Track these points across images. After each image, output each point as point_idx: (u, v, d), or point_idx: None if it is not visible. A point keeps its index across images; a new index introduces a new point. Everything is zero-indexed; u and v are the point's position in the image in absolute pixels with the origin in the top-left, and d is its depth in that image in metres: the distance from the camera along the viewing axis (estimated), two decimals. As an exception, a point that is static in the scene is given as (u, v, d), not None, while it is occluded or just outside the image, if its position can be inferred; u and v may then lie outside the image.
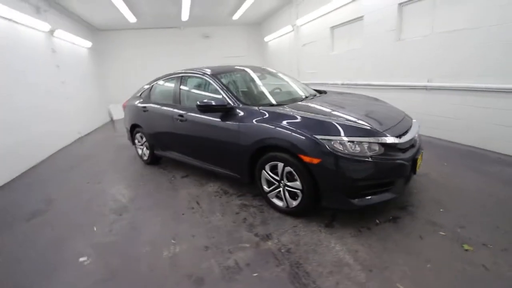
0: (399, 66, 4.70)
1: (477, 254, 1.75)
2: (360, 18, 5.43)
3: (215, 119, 2.75)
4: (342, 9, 5.89)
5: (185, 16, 8.53)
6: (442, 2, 3.88)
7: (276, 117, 2.32)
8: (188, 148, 3.29)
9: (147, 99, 3.92)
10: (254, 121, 2.42)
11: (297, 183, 2.18)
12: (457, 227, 2.02)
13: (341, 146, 1.97)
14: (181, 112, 3.18)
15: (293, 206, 2.29)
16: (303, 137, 2.06)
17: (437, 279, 1.58)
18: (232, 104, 2.63)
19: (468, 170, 2.99)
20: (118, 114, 10.00)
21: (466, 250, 1.79)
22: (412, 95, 4.46)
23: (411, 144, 2.27)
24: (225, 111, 2.65)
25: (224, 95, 2.75)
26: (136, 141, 4.27)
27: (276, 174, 2.34)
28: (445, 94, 3.95)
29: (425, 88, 4.21)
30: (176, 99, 3.35)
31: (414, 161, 2.17)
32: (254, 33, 11.44)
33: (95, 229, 2.48)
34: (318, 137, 2.01)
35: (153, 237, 2.26)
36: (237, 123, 2.54)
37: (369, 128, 2.08)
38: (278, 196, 2.42)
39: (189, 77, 3.37)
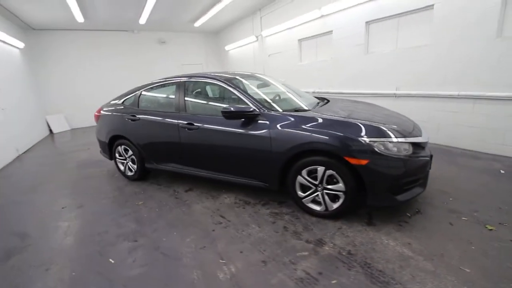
0: (368, 76, 5.29)
1: (501, 232, 2.07)
2: (329, 32, 5.94)
3: (234, 127, 2.62)
4: (310, 24, 6.35)
5: (143, 19, 7.92)
6: (404, 22, 4.56)
7: (312, 122, 2.35)
8: (197, 159, 3.02)
9: (134, 107, 3.48)
10: (289, 127, 2.39)
11: (340, 185, 2.23)
12: (472, 212, 2.36)
13: (383, 147, 2.11)
14: (188, 120, 2.92)
15: (333, 208, 2.33)
16: (350, 140, 2.13)
17: (486, 257, 1.81)
18: (258, 110, 2.55)
19: (449, 164, 3.52)
20: (58, 126, 8.59)
21: (490, 229, 2.11)
22: (383, 102, 5.05)
23: None
24: (250, 118, 2.55)
25: (247, 101, 2.65)
26: (116, 155, 3.72)
27: (314, 178, 2.35)
28: (412, 101, 4.61)
29: (394, 95, 4.83)
30: (180, 107, 3.06)
31: (431, 157, 2.46)
32: (212, 41, 11.34)
33: (112, 261, 2.05)
34: (365, 139, 2.11)
35: (194, 260, 1.99)
36: (267, 130, 2.47)
37: (401, 130, 2.28)
38: (314, 201, 2.43)
39: (196, 82, 3.13)
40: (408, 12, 4.41)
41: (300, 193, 2.46)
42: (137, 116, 3.35)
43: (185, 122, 2.93)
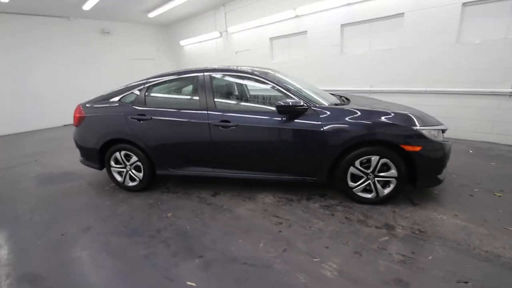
0: (343, 75, 5.79)
1: (506, 197, 2.61)
2: (304, 32, 6.24)
3: (279, 123, 2.54)
4: (283, 23, 6.53)
5: (89, 4, 6.72)
6: (377, 26, 5.16)
7: (363, 114, 2.46)
8: (233, 159, 2.79)
9: (140, 105, 2.96)
10: (342, 119, 2.44)
11: (392, 172, 2.42)
12: (476, 184, 2.89)
13: (430, 134, 2.38)
14: (222, 118, 2.67)
15: (384, 194, 2.51)
16: (406, 129, 2.33)
17: (514, 218, 2.27)
18: (307, 105, 2.52)
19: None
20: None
21: (499, 196, 2.64)
22: (358, 98, 5.63)
23: None
24: (300, 112, 2.51)
25: (293, 95, 2.59)
26: (112, 163, 3.10)
27: (366, 168, 2.48)
28: (385, 96, 5.24)
29: (369, 91, 5.43)
30: (208, 104, 2.75)
31: (446, 141, 2.89)
32: (164, 34, 10.46)
33: (193, 284, 1.73)
34: (418, 128, 2.34)
35: (288, 265, 1.86)
36: (320, 123, 2.47)
37: (435, 119, 2.62)
38: (365, 189, 2.56)
39: (223, 77, 2.87)
40: (381, 18, 5.01)
41: (351, 183, 2.56)
42: (148, 115, 2.87)
43: (218, 120, 2.67)
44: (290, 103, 2.42)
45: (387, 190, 2.50)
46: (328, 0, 5.47)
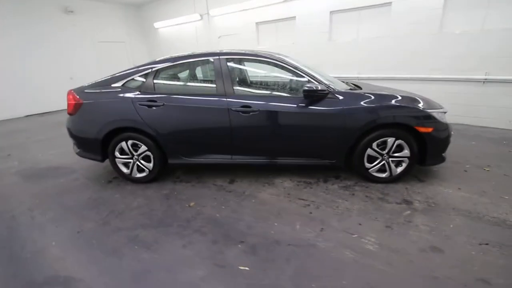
0: (331, 61, 5.94)
1: (494, 171, 2.97)
2: (292, 18, 6.23)
3: (301, 107, 2.57)
4: (270, 7, 6.44)
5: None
6: (365, 14, 5.34)
7: (379, 98, 2.59)
8: (253, 145, 2.76)
9: (148, 90, 2.76)
10: (360, 103, 2.55)
11: (405, 152, 2.62)
12: (466, 161, 3.24)
13: (439, 116, 2.60)
14: (242, 103, 2.61)
15: (397, 173, 2.70)
16: (420, 112, 2.52)
17: (506, 187, 2.60)
18: (328, 89, 2.57)
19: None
20: None
21: (488, 170, 3.00)
22: (346, 84, 5.85)
23: None
24: (321, 97, 2.55)
25: (313, 80, 2.62)
26: (116, 153, 2.88)
27: (382, 149, 2.64)
28: (372, 82, 5.54)
29: (357, 78, 5.67)
30: (226, 88, 2.66)
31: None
32: (137, 15, 9.69)
33: (246, 268, 1.73)
34: (429, 110, 2.53)
35: (330, 242, 1.94)
36: (341, 108, 2.55)
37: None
38: (380, 169, 2.73)
39: (239, 61, 2.79)
40: (369, 7, 5.19)
41: (368, 164, 2.71)
42: (159, 101, 2.69)
43: (239, 106, 2.61)
44: (315, 88, 2.45)
45: (399, 169, 2.70)
46: (318, -14, 5.50)
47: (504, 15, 4.05)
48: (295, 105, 2.59)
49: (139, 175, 2.97)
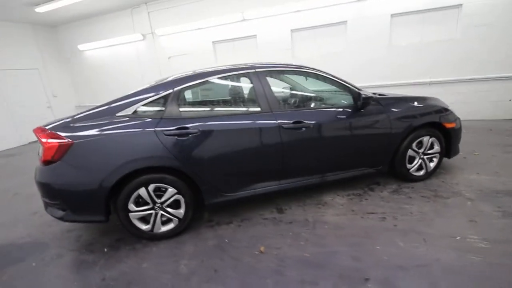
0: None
1: (483, 154, 3.48)
2: (253, 36, 6.23)
3: (350, 116, 2.48)
4: (229, 26, 6.28)
5: None
6: (324, 32, 5.77)
7: (409, 101, 2.73)
8: (303, 164, 2.44)
9: (173, 115, 2.13)
10: (398, 107, 2.62)
11: (436, 148, 2.80)
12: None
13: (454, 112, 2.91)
14: (293, 118, 2.30)
15: (431, 169, 2.86)
16: (445, 110, 2.75)
17: (506, 166, 3.07)
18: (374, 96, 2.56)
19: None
20: None
21: (477, 154, 3.50)
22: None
23: None
24: (367, 103, 2.50)
25: (354, 88, 2.55)
26: (131, 206, 2.08)
27: (418, 149, 2.75)
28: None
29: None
30: (270, 103, 2.30)
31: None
32: (53, 37, 7.98)
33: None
34: (449, 108, 2.80)
35: (442, 254, 1.81)
36: (385, 113, 2.55)
37: None
38: (418, 168, 2.82)
39: (277, 73, 2.51)
40: (328, 25, 5.66)
41: (409, 165, 2.78)
42: (192, 128, 2.10)
43: (291, 122, 2.29)
44: (368, 95, 2.38)
45: (432, 165, 2.86)
46: (278, 6, 5.70)
47: (436, 30, 5.04)
48: (345, 116, 2.47)
49: (164, 228, 2.22)
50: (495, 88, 4.86)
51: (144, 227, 2.18)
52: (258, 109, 2.30)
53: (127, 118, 2.09)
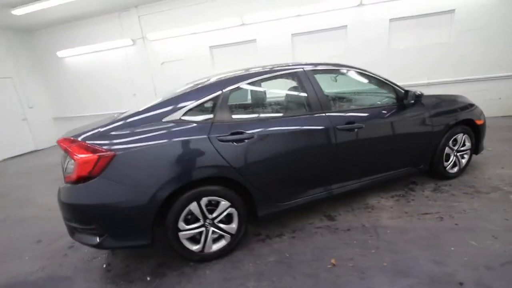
0: (297, 80, 6.13)
1: (496, 149, 3.63)
2: (253, 41, 6.12)
3: (396, 115, 2.45)
4: (226, 31, 6.13)
5: None
6: (325, 36, 5.82)
7: (449, 100, 2.80)
8: (355, 167, 2.34)
9: (225, 120, 1.92)
10: (440, 106, 2.64)
11: (468, 145, 2.85)
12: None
13: (479, 109, 2.99)
14: (346, 119, 2.20)
15: (464, 165, 2.89)
16: (475, 107, 2.81)
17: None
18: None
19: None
20: None
21: (491, 150, 3.64)
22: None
23: None
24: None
25: (397, 87, 2.52)
26: (181, 224, 1.82)
27: (453, 145, 2.78)
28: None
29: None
30: (323, 103, 2.17)
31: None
32: (28, 44, 7.25)
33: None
34: (477, 105, 2.87)
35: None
36: (428, 112, 2.55)
37: None
38: (453, 165, 2.84)
39: (326, 71, 2.47)
40: (328, 29, 5.72)
41: (445, 163, 2.78)
42: (247, 132, 1.90)
43: (344, 123, 2.17)
44: (418, 94, 2.36)
45: (464, 161, 2.90)
46: (278, 10, 5.67)
47: (432, 34, 5.29)
48: (393, 115, 2.42)
49: (215, 247, 1.97)
50: (488, 87, 5.18)
51: (194, 247, 1.91)
52: (311, 110, 2.17)
53: (174, 124, 1.84)
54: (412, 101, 2.41)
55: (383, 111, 2.43)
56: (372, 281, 1.66)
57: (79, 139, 1.72)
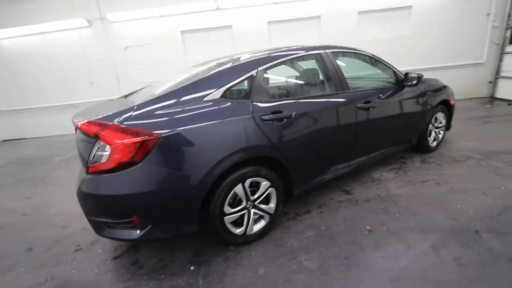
0: (274, 68, 6.21)
1: (458, 127, 4.31)
2: (228, 27, 5.94)
3: (401, 95, 2.74)
4: (200, 15, 5.82)
5: None
6: (300, 25, 5.98)
7: (433, 81, 3.21)
8: (370, 143, 2.58)
9: (263, 98, 1.88)
10: (431, 87, 3.02)
11: (443, 122, 3.33)
12: (432, 125, 4.49)
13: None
14: (364, 98, 2.38)
15: (440, 139, 3.37)
16: (449, 89, 3.27)
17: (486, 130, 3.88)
18: None
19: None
20: None
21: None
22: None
23: None
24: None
25: (396, 70, 2.77)
26: (226, 208, 1.76)
27: (435, 122, 3.20)
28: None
29: (302, 81, 6.26)
30: (343, 84, 2.29)
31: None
32: None
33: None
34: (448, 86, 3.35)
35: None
36: (425, 91, 2.91)
37: None
38: (433, 140, 3.28)
39: (343, 54, 2.51)
40: (303, 19, 5.89)
41: (428, 138, 3.20)
42: (286, 111, 1.90)
43: (363, 102, 2.33)
44: (419, 75, 2.65)
45: (440, 136, 3.38)
46: (255, -4, 5.61)
47: (394, 27, 5.88)
48: (399, 95, 2.69)
49: (255, 228, 1.96)
50: (438, 76, 5.98)
51: (237, 230, 1.87)
52: (336, 90, 2.27)
53: (215, 104, 1.73)
54: (415, 82, 2.71)
55: (390, 92, 2.67)
56: (408, 240, 1.87)
57: (115, 122, 1.50)
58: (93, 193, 1.55)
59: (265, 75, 1.99)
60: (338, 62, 2.38)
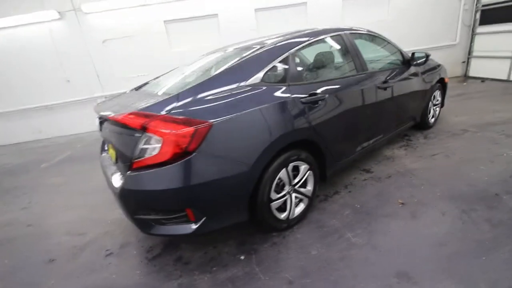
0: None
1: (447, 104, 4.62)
2: (214, 15, 5.73)
3: (409, 74, 2.86)
4: (183, 3, 5.55)
5: None
6: (288, 12, 5.94)
7: (431, 61, 3.34)
8: (387, 122, 2.69)
9: (297, 80, 1.88)
10: (429, 66, 3.16)
11: (439, 99, 3.56)
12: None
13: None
14: (382, 78, 2.48)
15: (437, 115, 3.60)
16: (443, 67, 3.47)
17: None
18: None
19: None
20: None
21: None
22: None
23: None
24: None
25: (402, 51, 2.88)
26: (273, 194, 1.74)
27: (433, 100, 3.40)
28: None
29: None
30: (363, 64, 2.35)
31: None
32: None
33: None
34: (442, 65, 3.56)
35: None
36: (426, 68, 3.06)
37: None
38: (431, 117, 3.49)
39: (360, 35, 2.57)
40: (290, 5, 5.86)
41: (428, 115, 3.40)
42: (320, 94, 1.90)
43: (381, 81, 2.41)
44: (426, 54, 2.77)
45: (437, 113, 3.62)
46: (240, -17, 5.46)
47: (375, 12, 6.08)
48: (409, 74, 2.81)
49: (296, 212, 1.97)
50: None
51: (282, 215, 1.87)
52: (358, 70, 2.31)
53: (257, 88, 1.68)
54: (423, 60, 2.84)
55: (401, 71, 2.77)
56: (441, 208, 2.00)
57: (163, 112, 1.40)
58: (142, 189, 1.45)
59: (297, 58, 1.98)
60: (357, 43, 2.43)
